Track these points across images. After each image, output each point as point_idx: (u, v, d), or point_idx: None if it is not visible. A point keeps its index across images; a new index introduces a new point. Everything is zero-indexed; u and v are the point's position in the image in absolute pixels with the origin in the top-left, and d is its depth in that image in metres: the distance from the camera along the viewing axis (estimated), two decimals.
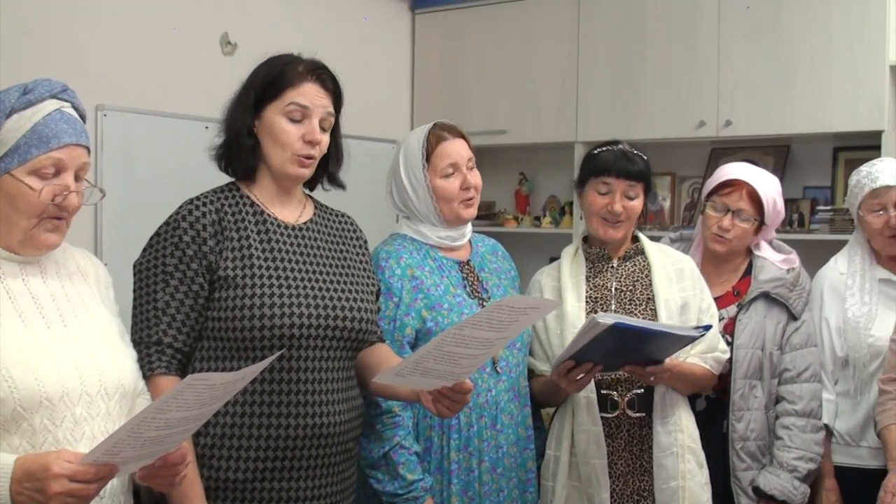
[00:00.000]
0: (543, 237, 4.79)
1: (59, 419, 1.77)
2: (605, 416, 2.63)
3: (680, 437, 2.66)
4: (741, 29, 4.14)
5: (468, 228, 2.75)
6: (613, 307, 2.70)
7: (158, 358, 2.11)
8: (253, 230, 2.21)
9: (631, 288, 2.73)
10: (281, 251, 2.22)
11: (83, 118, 1.93)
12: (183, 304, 2.14)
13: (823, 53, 3.95)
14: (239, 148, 2.23)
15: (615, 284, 2.74)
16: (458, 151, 2.65)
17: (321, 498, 2.22)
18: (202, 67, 3.90)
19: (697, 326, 2.52)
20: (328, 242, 2.34)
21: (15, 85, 1.87)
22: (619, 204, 2.70)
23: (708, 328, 2.53)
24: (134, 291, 2.18)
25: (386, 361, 2.31)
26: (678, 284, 2.74)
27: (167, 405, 1.59)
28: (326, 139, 2.27)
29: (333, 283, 2.26)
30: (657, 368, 2.51)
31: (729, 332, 2.86)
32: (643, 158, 2.76)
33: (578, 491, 2.66)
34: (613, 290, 2.73)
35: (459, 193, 2.63)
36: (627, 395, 2.65)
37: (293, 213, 2.32)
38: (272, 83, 2.22)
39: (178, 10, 3.88)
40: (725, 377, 2.81)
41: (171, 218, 2.19)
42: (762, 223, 2.94)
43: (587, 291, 2.74)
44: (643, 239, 2.83)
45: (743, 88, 4.14)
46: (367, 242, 2.48)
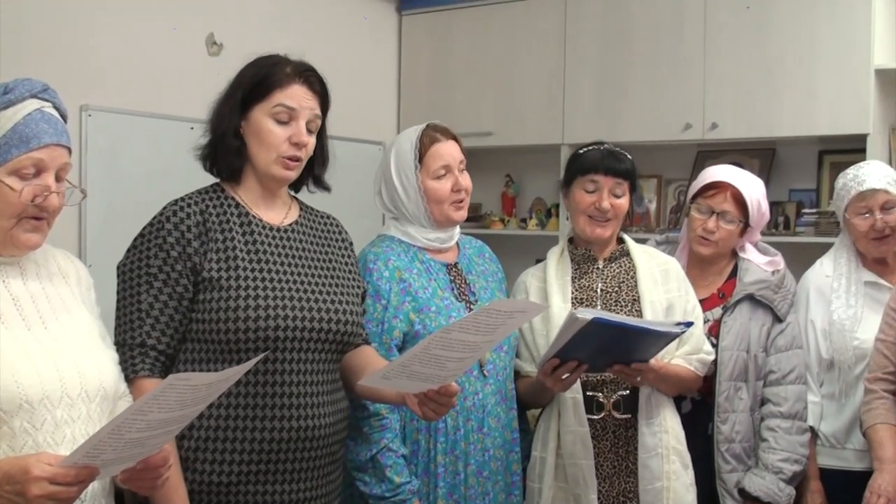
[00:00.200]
0: (530, 239, 4.78)
1: (39, 422, 1.76)
2: (590, 417, 2.63)
3: (665, 438, 2.66)
4: (727, 32, 4.15)
5: (456, 230, 2.75)
6: (599, 308, 2.70)
7: (142, 360, 2.09)
8: (238, 232, 2.20)
9: (616, 289, 2.73)
10: (266, 253, 2.21)
11: (64, 118, 1.91)
12: (167, 305, 2.12)
13: (809, 57, 3.96)
14: (225, 148, 2.22)
15: (601, 286, 2.74)
16: (450, 153, 2.65)
17: (306, 501, 2.21)
18: (188, 68, 3.88)
19: (679, 322, 2.52)
20: (313, 244, 2.33)
21: None
22: (606, 201, 2.71)
23: (689, 324, 2.53)
24: (118, 293, 2.16)
25: (371, 364, 2.31)
26: (663, 286, 2.75)
27: (148, 406, 1.58)
28: (313, 141, 2.26)
29: (319, 285, 2.26)
30: (643, 366, 2.51)
31: (714, 334, 2.86)
32: (629, 157, 2.78)
33: (565, 492, 2.66)
34: (599, 291, 2.74)
35: (450, 195, 2.63)
36: (613, 396, 2.65)
37: (278, 214, 2.31)
38: (259, 84, 2.21)
39: (163, 9, 3.85)
40: (710, 379, 2.81)
41: (155, 219, 2.18)
42: (747, 225, 2.94)
43: (573, 292, 2.74)
44: (628, 241, 2.84)
45: (729, 91, 4.15)
46: (352, 244, 2.47)
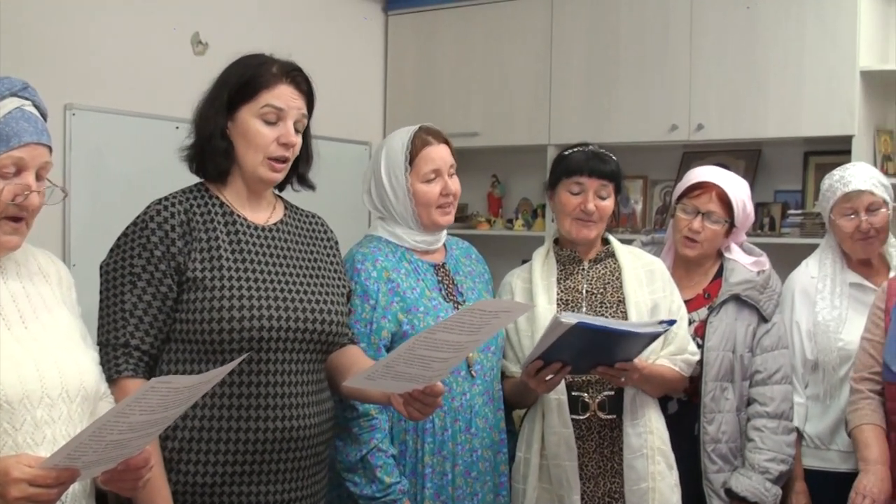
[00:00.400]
0: (516, 240, 4.79)
1: (18, 422, 1.74)
2: (575, 417, 2.63)
3: (650, 438, 2.66)
4: (713, 33, 4.16)
5: (443, 233, 2.74)
6: (584, 309, 2.70)
7: (125, 360, 2.08)
8: (222, 231, 2.19)
9: (602, 290, 2.73)
10: (250, 252, 2.20)
11: (44, 116, 1.90)
12: (150, 305, 2.11)
13: (795, 58, 3.97)
14: (212, 150, 2.20)
15: (586, 287, 2.74)
16: (441, 157, 2.64)
17: (291, 502, 2.20)
18: (173, 67, 3.86)
19: (662, 321, 2.53)
20: (298, 244, 2.32)
21: None
22: (592, 203, 2.71)
23: (672, 322, 2.54)
24: (101, 293, 2.15)
25: (357, 364, 2.30)
26: (648, 287, 2.75)
27: (130, 408, 1.57)
28: (300, 141, 2.25)
29: (304, 284, 2.25)
30: (627, 366, 2.51)
31: (700, 334, 2.86)
32: (614, 159, 2.78)
33: (549, 493, 2.66)
34: (584, 292, 2.74)
35: (438, 199, 2.62)
36: (598, 396, 2.65)
37: (263, 213, 2.30)
38: (246, 84, 2.19)
39: (149, 8, 3.84)
40: (696, 380, 2.82)
41: (138, 218, 2.16)
42: (732, 225, 2.95)
43: (558, 293, 2.74)
44: (613, 242, 2.84)
45: (715, 93, 4.16)
46: (337, 243, 2.46)
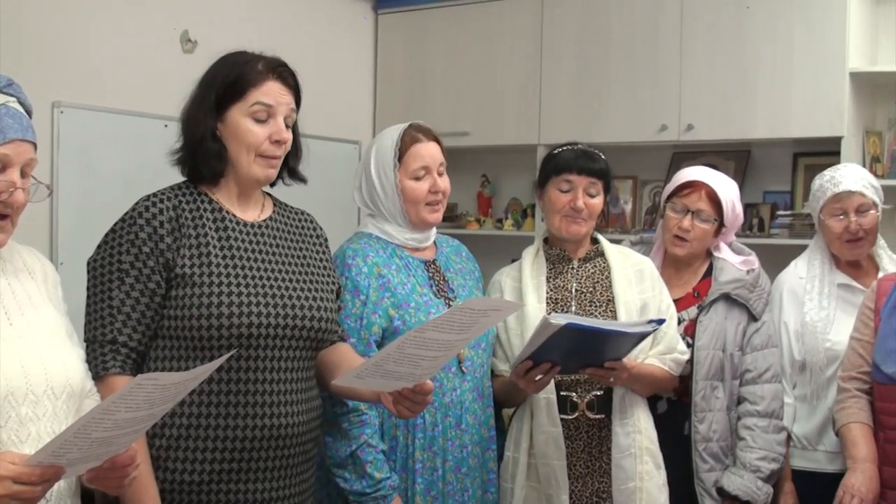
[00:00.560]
0: (505, 239, 4.79)
1: (3, 419, 1.73)
2: (564, 417, 2.63)
3: (638, 438, 2.67)
4: (703, 34, 4.17)
5: (433, 230, 2.74)
6: (574, 308, 2.71)
7: (113, 357, 2.07)
8: (211, 227, 2.18)
9: (591, 289, 2.74)
10: (240, 249, 2.19)
11: (29, 113, 1.89)
12: (139, 302, 2.10)
13: (784, 60, 3.99)
14: (204, 153, 2.18)
15: (575, 286, 2.75)
16: (431, 154, 2.64)
17: (279, 500, 2.19)
18: (162, 65, 3.85)
19: (651, 320, 2.53)
20: (287, 240, 2.31)
21: None
22: (581, 200, 2.71)
23: (661, 321, 2.54)
24: (88, 289, 2.13)
25: (347, 361, 2.30)
26: (638, 286, 2.75)
27: (115, 405, 1.56)
28: (291, 136, 2.24)
29: (293, 281, 2.24)
30: (616, 365, 2.51)
31: (690, 333, 2.87)
32: (603, 157, 2.79)
33: (537, 492, 2.66)
34: (574, 291, 2.74)
35: (427, 196, 2.62)
36: (587, 396, 2.65)
37: (252, 210, 2.29)
38: (233, 84, 2.17)
39: (138, 6, 3.83)
40: (686, 379, 2.82)
41: (127, 214, 2.15)
42: (721, 225, 2.95)
43: (548, 292, 2.74)
44: (603, 241, 2.84)
45: (704, 93, 4.17)
46: (327, 240, 2.45)
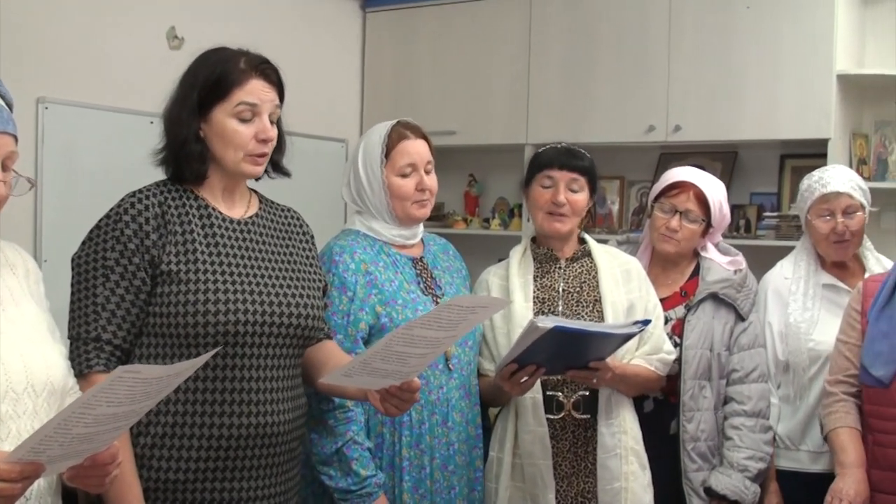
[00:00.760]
0: (492, 239, 4.79)
1: None
2: (550, 417, 2.63)
3: (624, 438, 2.67)
4: (691, 35, 4.18)
5: (420, 228, 2.74)
6: (561, 308, 2.71)
7: (97, 355, 2.05)
8: (197, 224, 2.16)
9: (578, 289, 2.73)
10: (226, 246, 2.18)
11: (10, 106, 1.87)
12: (123, 299, 2.08)
13: (772, 62, 4.00)
14: (187, 155, 2.16)
15: (562, 285, 2.74)
16: (418, 151, 2.64)
17: (264, 499, 2.18)
18: (148, 61, 3.83)
19: (636, 321, 2.53)
20: (274, 237, 2.30)
21: None
22: (562, 195, 2.71)
23: (647, 322, 2.54)
24: (72, 286, 2.11)
25: (333, 359, 2.29)
26: (625, 286, 2.75)
27: (96, 400, 1.54)
28: (276, 132, 2.23)
29: (279, 278, 2.23)
30: (600, 365, 2.51)
31: (677, 332, 2.87)
32: (587, 155, 2.79)
33: (522, 492, 2.66)
34: (561, 290, 2.74)
35: (413, 194, 2.62)
36: (573, 396, 2.65)
37: (238, 207, 2.27)
38: (216, 84, 2.15)
39: (124, 2, 3.81)
40: (674, 378, 2.82)
41: (112, 211, 2.13)
42: (709, 225, 2.95)
43: (535, 292, 2.74)
44: (590, 241, 2.84)
45: (692, 94, 4.17)
46: (313, 237, 2.44)
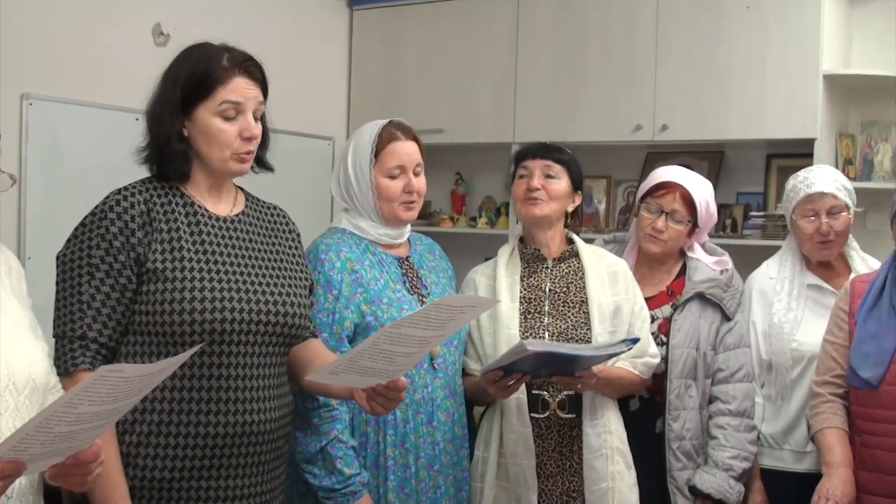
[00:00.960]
0: (479, 238, 4.79)
1: None
2: (535, 416, 2.64)
3: (609, 438, 2.67)
4: (678, 35, 4.19)
5: (407, 227, 2.73)
6: (547, 308, 2.71)
7: (82, 353, 2.03)
8: (183, 222, 2.15)
9: (565, 290, 2.73)
10: (212, 244, 2.17)
11: None
12: (109, 297, 2.07)
13: (758, 62, 4.01)
14: (171, 154, 2.15)
15: (549, 285, 2.74)
16: (407, 153, 2.63)
17: (250, 497, 2.17)
18: (134, 58, 3.81)
19: (625, 340, 2.55)
20: (260, 235, 2.29)
21: None
22: (536, 181, 2.73)
23: (635, 341, 2.56)
24: (57, 284, 2.10)
25: (319, 358, 2.28)
26: (611, 288, 2.75)
27: (78, 398, 1.52)
28: (261, 129, 2.22)
29: (266, 276, 2.22)
30: (584, 372, 2.53)
31: (664, 331, 2.88)
32: (566, 150, 2.81)
33: (507, 492, 2.66)
34: (547, 290, 2.74)
35: (401, 195, 2.61)
36: (558, 396, 2.65)
37: (225, 205, 2.26)
38: (199, 82, 2.13)
39: None
40: (660, 377, 2.83)
41: (97, 208, 2.11)
42: (695, 225, 2.96)
43: (521, 291, 2.74)
44: (578, 241, 2.84)
45: (679, 94, 4.18)
46: (299, 235, 2.43)
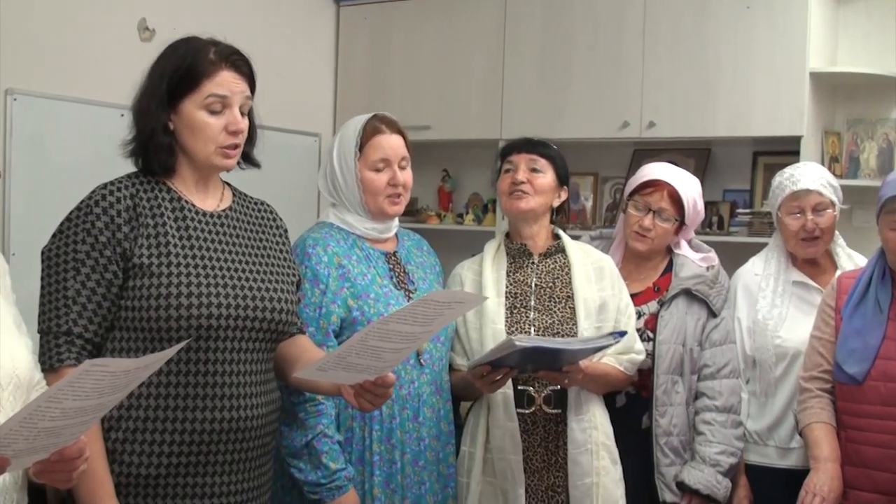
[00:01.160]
0: (466, 234, 4.78)
1: None
2: (521, 411, 2.64)
3: (594, 434, 2.68)
4: (666, 32, 4.19)
5: (395, 222, 2.73)
6: (533, 303, 2.71)
7: (68, 349, 2.02)
8: (170, 217, 2.14)
9: (551, 285, 2.74)
10: (199, 239, 2.16)
11: None
12: (95, 292, 2.05)
13: (745, 59, 4.02)
14: (156, 147, 2.14)
15: (535, 281, 2.75)
16: (391, 146, 2.63)
17: (237, 493, 2.16)
18: (119, 53, 3.79)
19: (612, 333, 2.55)
20: (247, 230, 2.28)
21: None
22: (521, 174, 2.74)
23: (623, 334, 2.56)
24: (42, 279, 2.08)
25: (307, 354, 2.27)
26: (597, 284, 2.76)
27: (63, 393, 1.51)
28: (247, 124, 2.21)
29: (253, 272, 2.21)
30: (571, 367, 2.53)
31: (650, 327, 2.88)
32: (551, 145, 2.82)
33: (493, 486, 2.66)
34: (533, 286, 2.74)
35: (386, 189, 2.61)
36: (544, 391, 2.66)
37: (211, 200, 2.25)
38: (186, 75, 2.12)
39: None
40: (646, 373, 2.83)
41: (83, 203, 2.10)
42: (682, 223, 2.96)
43: (507, 287, 2.74)
44: (564, 237, 2.84)
45: (666, 91, 4.19)
46: (287, 231, 2.42)
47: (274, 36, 4.53)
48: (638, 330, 2.85)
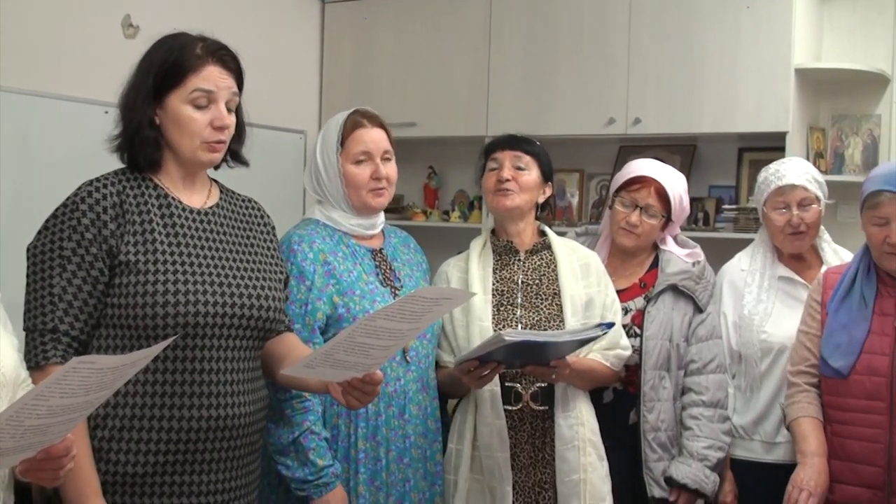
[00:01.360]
0: (452, 231, 4.78)
1: None
2: (508, 408, 2.64)
3: (581, 430, 2.68)
4: (651, 28, 4.20)
5: (380, 218, 2.72)
6: (519, 300, 2.71)
7: (53, 346, 2.01)
8: (156, 214, 2.13)
9: (537, 282, 2.74)
10: (186, 236, 2.15)
11: None
12: (80, 290, 2.04)
13: (731, 55, 4.03)
14: (142, 141, 2.13)
15: (521, 278, 2.75)
16: (373, 140, 2.62)
17: (225, 492, 2.16)
18: (103, 50, 3.78)
19: (600, 324, 2.55)
20: (235, 228, 2.27)
21: None
22: (506, 172, 2.74)
23: (611, 325, 2.56)
24: (27, 276, 2.07)
25: (294, 351, 2.27)
26: (583, 280, 2.76)
27: (50, 391, 1.50)
28: (234, 120, 2.20)
29: (240, 269, 2.20)
30: (559, 362, 2.53)
31: (637, 323, 2.89)
32: (535, 142, 2.82)
33: (480, 484, 2.66)
34: (520, 283, 2.74)
35: (368, 182, 2.61)
36: (531, 387, 2.66)
37: (198, 196, 2.24)
38: (172, 70, 2.12)
39: None
40: (633, 369, 2.84)
41: (69, 199, 2.09)
42: (669, 219, 2.97)
43: (494, 284, 2.74)
44: (550, 234, 2.84)
45: (652, 87, 4.20)
46: (274, 228, 2.42)
47: (259, 33, 4.52)
48: (625, 326, 2.85)
